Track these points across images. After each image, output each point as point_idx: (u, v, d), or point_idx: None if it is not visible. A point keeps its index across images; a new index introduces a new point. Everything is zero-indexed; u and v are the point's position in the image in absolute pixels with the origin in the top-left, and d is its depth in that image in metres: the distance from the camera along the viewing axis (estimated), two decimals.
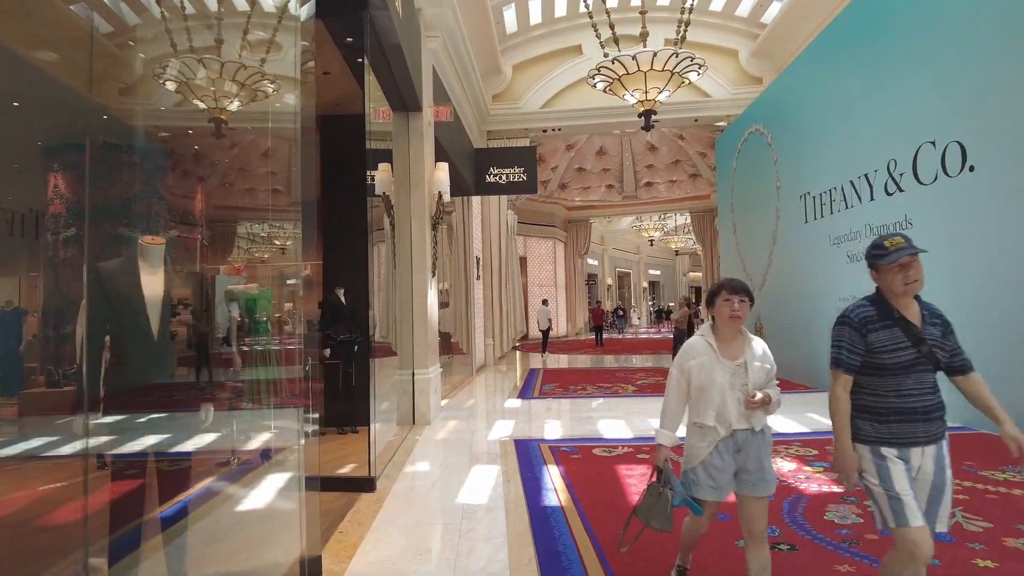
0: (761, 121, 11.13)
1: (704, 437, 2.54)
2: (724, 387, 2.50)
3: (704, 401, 2.53)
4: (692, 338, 2.69)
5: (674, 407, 2.67)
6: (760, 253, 11.25)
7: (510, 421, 6.99)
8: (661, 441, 2.66)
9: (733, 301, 2.56)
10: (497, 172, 11.64)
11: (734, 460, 2.53)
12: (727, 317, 2.55)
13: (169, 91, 6.33)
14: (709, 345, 2.58)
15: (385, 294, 15.93)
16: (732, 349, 2.57)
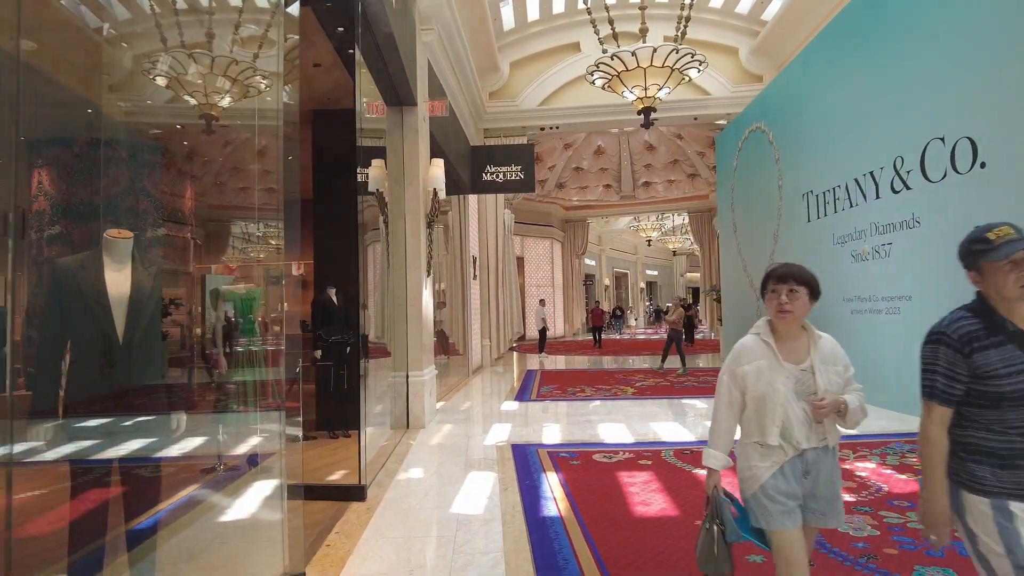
0: (762, 119, 10.96)
1: (766, 456, 2.10)
2: (788, 397, 2.05)
3: (764, 416, 2.08)
4: (745, 338, 2.22)
5: (725, 423, 2.20)
6: (761, 253, 11.08)
7: (507, 425, 6.79)
8: (710, 464, 2.21)
9: (780, 292, 2.10)
10: (494, 170, 11.45)
11: (800, 485, 2.09)
12: (775, 312, 2.11)
13: (159, 86, 6.13)
14: (767, 346, 2.12)
15: (380, 294, 15.72)
16: (795, 350, 2.13)
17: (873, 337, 7.47)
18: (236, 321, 4.90)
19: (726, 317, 13.69)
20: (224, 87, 5.97)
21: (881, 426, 6.23)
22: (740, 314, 12.41)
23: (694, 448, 5.48)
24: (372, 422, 7.30)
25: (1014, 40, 5.48)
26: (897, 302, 6.91)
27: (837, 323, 8.28)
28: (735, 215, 12.65)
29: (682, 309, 12.61)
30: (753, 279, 11.54)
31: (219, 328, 4.87)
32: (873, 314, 7.44)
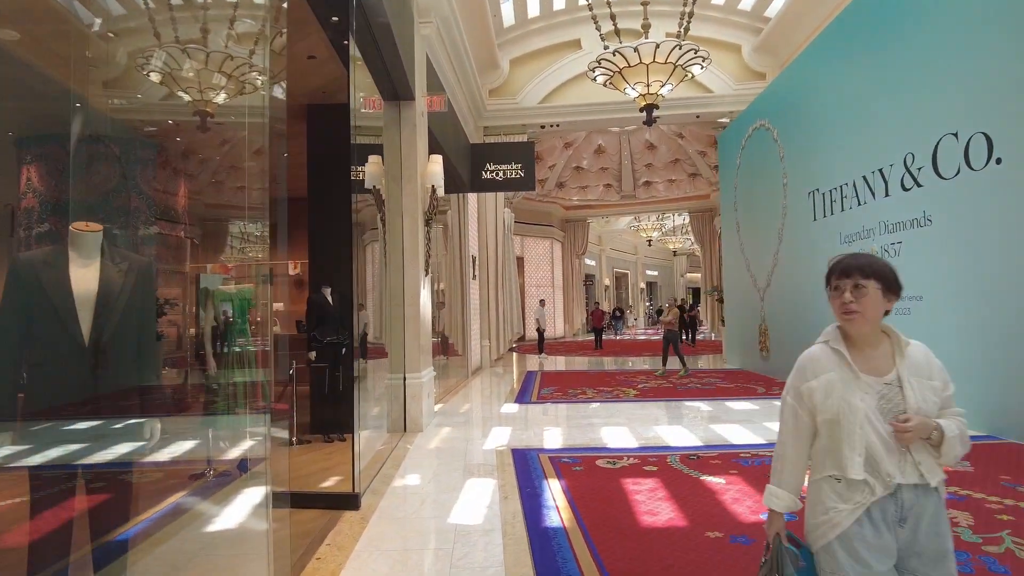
0: (767, 116, 10.78)
1: (847, 496, 1.66)
2: (870, 416, 1.63)
3: (841, 442, 1.66)
4: (811, 347, 1.81)
5: (792, 453, 1.79)
6: (765, 253, 10.90)
7: (507, 428, 6.61)
8: (772, 505, 1.81)
9: (844, 289, 1.70)
10: (494, 168, 11.27)
11: (895, 536, 1.63)
12: (840, 314, 1.72)
13: (153, 83, 5.94)
14: (838, 355, 1.72)
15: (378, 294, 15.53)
16: (876, 360, 1.70)
17: None
18: (226, 321, 4.72)
19: (729, 317, 13.52)
20: (219, 83, 5.80)
21: None
22: (743, 314, 12.24)
23: (701, 453, 5.30)
24: (369, 425, 7.12)
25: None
26: (908, 302, 6.73)
27: None
28: (738, 214, 12.47)
29: (677, 309, 12.41)
30: (756, 279, 11.36)
31: (208, 329, 4.69)
32: None
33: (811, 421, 1.74)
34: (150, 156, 8.43)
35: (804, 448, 1.78)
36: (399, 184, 6.67)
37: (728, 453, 5.30)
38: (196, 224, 12.22)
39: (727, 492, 4.21)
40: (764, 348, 11.03)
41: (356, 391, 4.39)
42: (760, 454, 5.23)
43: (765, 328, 11.02)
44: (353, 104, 4.99)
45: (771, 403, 7.96)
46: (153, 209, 8.37)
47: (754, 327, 11.48)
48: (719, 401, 8.21)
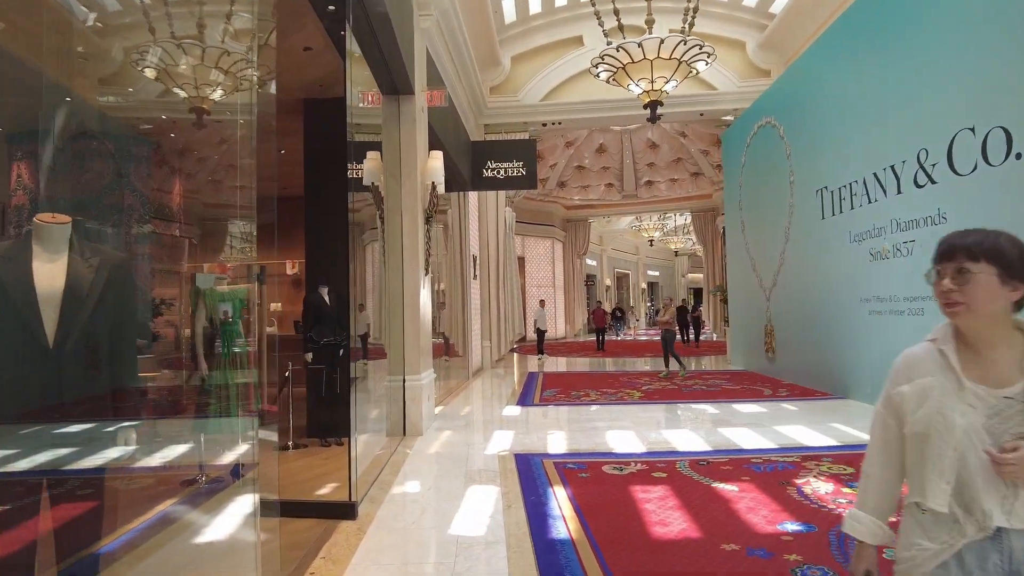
0: (773, 113, 10.59)
1: (932, 533, 1.34)
2: (972, 438, 1.29)
3: (929, 462, 1.34)
4: (915, 346, 1.46)
5: (877, 471, 1.47)
6: (771, 252, 10.71)
7: (509, 432, 6.42)
8: (853, 532, 1.48)
9: (945, 274, 1.34)
10: (495, 166, 11.08)
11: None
12: (941, 305, 1.36)
13: (148, 79, 5.76)
14: (942, 357, 1.37)
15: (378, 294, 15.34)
16: (996, 365, 1.32)
17: (892, 339, 7.10)
18: (222, 322, 4.53)
19: (733, 318, 13.33)
20: (216, 80, 5.63)
21: None
22: (748, 314, 12.05)
23: (711, 458, 5.11)
24: (368, 428, 6.94)
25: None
26: (920, 303, 6.54)
27: (854, 324, 7.93)
28: (743, 213, 12.28)
29: (674, 308, 12.19)
30: (762, 278, 11.18)
31: (199, 329, 4.51)
32: (893, 315, 7.07)
33: (901, 432, 1.42)
34: (144, 153, 8.25)
35: (893, 465, 1.45)
36: (398, 181, 6.49)
37: (739, 459, 5.12)
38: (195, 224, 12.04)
39: (741, 500, 4.02)
40: (770, 349, 10.85)
41: (353, 395, 4.20)
42: (772, 459, 5.04)
43: (771, 328, 10.84)
44: (350, 97, 4.81)
45: (779, 406, 7.78)
46: (148, 207, 8.18)
47: (759, 327, 11.29)
48: (725, 404, 8.02)
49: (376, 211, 6.64)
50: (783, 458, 5.09)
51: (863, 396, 7.76)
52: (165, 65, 6.14)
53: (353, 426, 4.03)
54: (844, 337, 8.21)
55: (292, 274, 12.39)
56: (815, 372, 9.08)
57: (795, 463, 4.92)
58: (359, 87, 6.88)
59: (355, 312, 13.37)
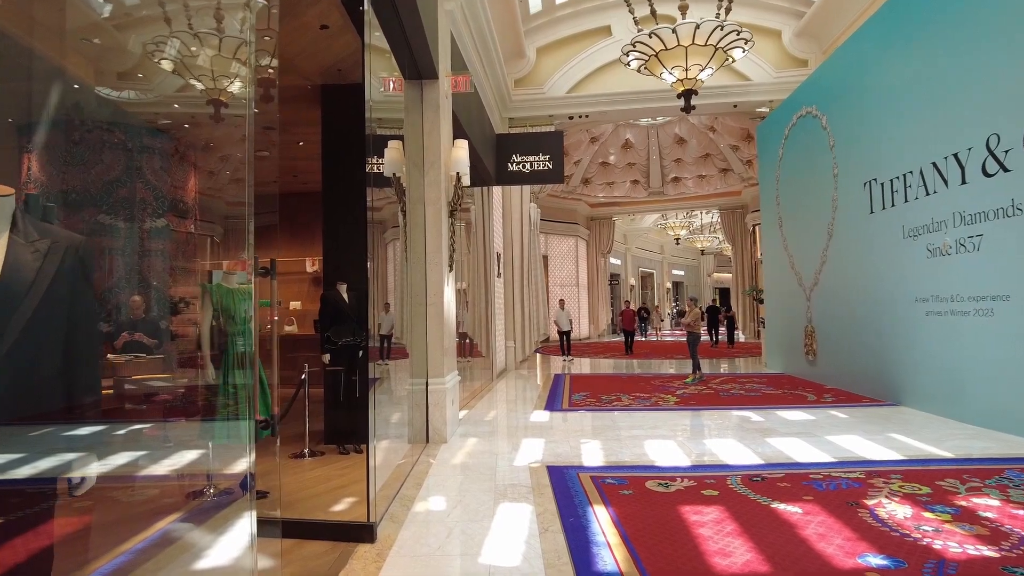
0: (814, 103, 10.02)
1: None
2: None
3: None
4: None
5: None
6: (812, 250, 10.14)
7: (539, 440, 5.99)
8: None
9: None
10: (520, 160, 10.66)
11: None
12: None
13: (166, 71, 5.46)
14: None
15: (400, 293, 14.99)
16: None
17: (954, 342, 6.55)
18: (224, 320, 4.16)
19: (770, 319, 12.75)
20: (235, 71, 5.27)
21: (981, 448, 5.33)
22: (786, 315, 11.48)
23: (765, 474, 4.63)
24: (389, 433, 6.55)
25: None
26: (990, 302, 5.99)
27: (907, 326, 7.37)
28: (780, 209, 11.71)
29: (699, 310, 11.60)
30: (802, 277, 10.61)
31: (205, 329, 4.14)
32: (956, 316, 6.51)
33: None
34: (157, 144, 7.93)
35: None
36: (421, 171, 6.09)
37: (796, 474, 4.63)
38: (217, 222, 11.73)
39: (808, 525, 3.55)
40: (811, 352, 10.28)
41: (372, 402, 3.79)
42: (834, 475, 4.54)
43: (812, 330, 10.27)
44: (369, 77, 4.41)
45: (827, 412, 7.25)
46: (162, 201, 7.85)
47: (799, 329, 10.72)
48: (769, 410, 7.51)
49: (398, 204, 6.26)
50: (845, 474, 4.59)
51: (919, 403, 7.20)
52: (182, 56, 5.78)
53: (371, 437, 3.63)
54: (896, 340, 7.65)
55: (312, 272, 12.10)
56: (863, 377, 8.52)
57: (860, 480, 4.42)
58: (379, 73, 6.50)
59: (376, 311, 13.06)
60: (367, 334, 5.40)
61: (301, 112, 6.91)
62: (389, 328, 12.24)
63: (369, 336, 5.71)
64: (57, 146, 6.48)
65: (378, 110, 5.91)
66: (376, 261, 18.74)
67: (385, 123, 8.62)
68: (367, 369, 5.15)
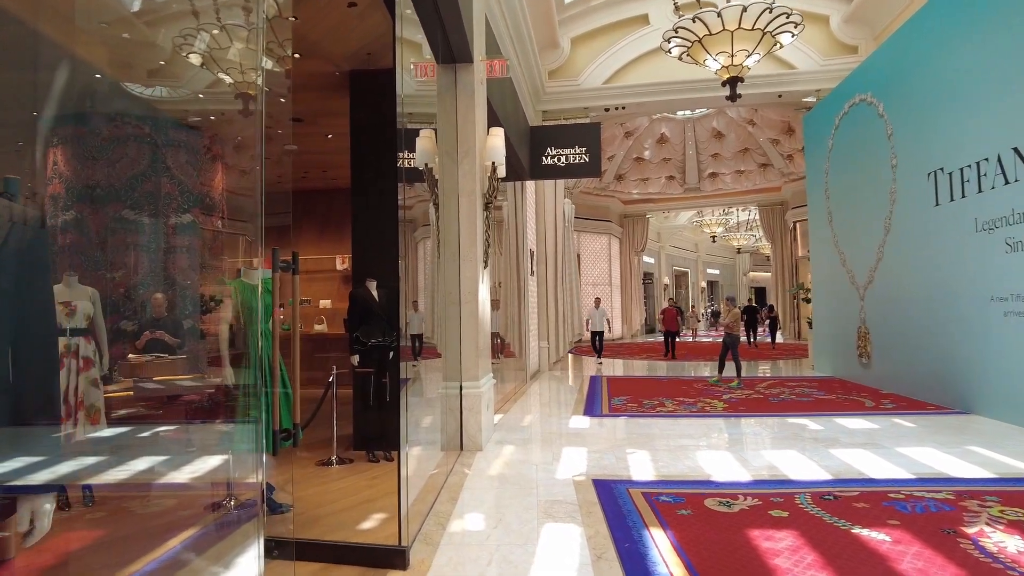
0: (869, 89, 9.41)
1: None
2: None
3: None
4: None
5: None
6: (866, 245, 9.53)
7: (581, 449, 5.57)
8: None
9: None
10: (555, 153, 10.25)
11: None
12: None
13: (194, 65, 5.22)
14: None
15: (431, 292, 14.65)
16: None
17: None
18: (244, 318, 3.84)
19: (818, 319, 12.11)
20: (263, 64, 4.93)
21: None
22: (836, 315, 10.85)
23: (837, 492, 4.14)
24: (421, 439, 6.20)
25: None
26: None
27: (981, 328, 6.77)
28: (830, 203, 11.08)
29: (737, 310, 10.94)
30: (855, 275, 9.99)
31: (224, 329, 3.82)
32: None
33: None
34: (183, 138, 7.65)
35: None
36: (454, 161, 5.71)
37: (874, 492, 4.14)
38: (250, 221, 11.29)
39: (902, 557, 3.07)
40: (864, 354, 9.67)
41: (404, 412, 3.42)
42: (917, 495, 4.04)
43: (865, 331, 9.65)
44: (400, 58, 4.04)
45: (890, 420, 6.69)
46: (188, 196, 7.57)
47: (851, 330, 10.11)
48: (826, 417, 6.97)
49: (429, 199, 5.89)
50: (930, 494, 4.08)
51: (993, 412, 6.60)
52: (210, 50, 5.49)
53: (403, 451, 3.25)
54: (966, 342, 7.04)
55: (342, 270, 11.85)
56: (925, 382, 7.91)
57: (950, 502, 3.91)
58: (411, 59, 6.15)
59: (407, 309, 12.77)
60: (398, 334, 5.06)
61: (328, 101, 6.60)
62: (419, 327, 11.94)
63: (400, 335, 5.38)
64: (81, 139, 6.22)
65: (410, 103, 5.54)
66: (407, 260, 18.34)
67: (416, 117, 8.29)
68: (399, 371, 4.80)
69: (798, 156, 20.42)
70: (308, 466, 5.14)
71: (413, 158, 7.68)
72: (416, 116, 8.72)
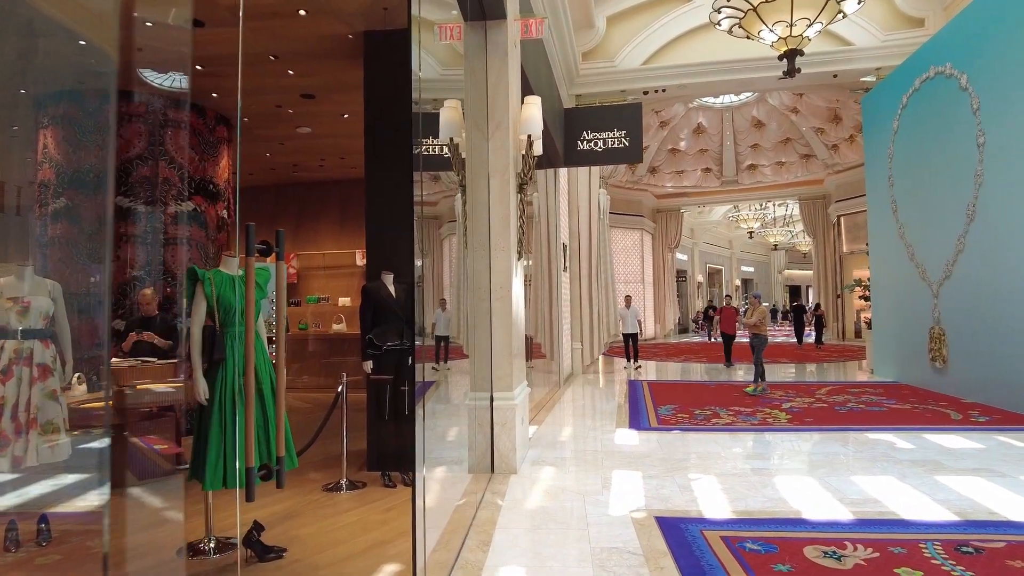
0: (947, 60, 8.37)
1: None
2: None
3: None
4: None
5: None
6: (942, 236, 8.50)
7: (634, 473, 4.72)
8: None
9: None
10: (592, 137, 9.36)
11: None
12: None
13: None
14: None
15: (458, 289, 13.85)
16: None
17: None
18: (222, 318, 3.06)
19: (878, 319, 11.05)
20: None
21: None
22: (902, 314, 9.81)
23: (977, 541, 3.23)
24: (446, 456, 5.40)
25: None
26: None
27: None
28: (894, 191, 10.04)
29: (764, 308, 9.81)
30: (927, 270, 8.96)
31: (196, 331, 3.05)
32: None
33: None
34: (184, 118, 6.88)
35: None
36: (484, 134, 4.90)
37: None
38: None
39: None
40: (938, 358, 8.64)
41: (419, 437, 2.60)
42: None
43: (940, 332, 8.62)
44: (418, 32, 3.24)
45: (993, 438, 5.71)
46: (189, 181, 6.78)
47: (920, 330, 9.08)
48: (912, 432, 6.02)
49: (456, 177, 5.09)
50: None
51: None
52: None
53: (419, 487, 2.44)
54: None
55: (361, 266, 11.12)
56: (1019, 391, 6.90)
57: None
58: (431, 14, 5.36)
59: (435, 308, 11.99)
60: (413, 335, 4.27)
61: (344, 72, 5.84)
62: (446, 328, 11.13)
63: (423, 336, 4.58)
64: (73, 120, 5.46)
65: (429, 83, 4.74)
66: (433, 257, 17.40)
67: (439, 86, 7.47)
68: (414, 380, 4.00)
69: (844, 146, 19.24)
70: (314, 491, 4.38)
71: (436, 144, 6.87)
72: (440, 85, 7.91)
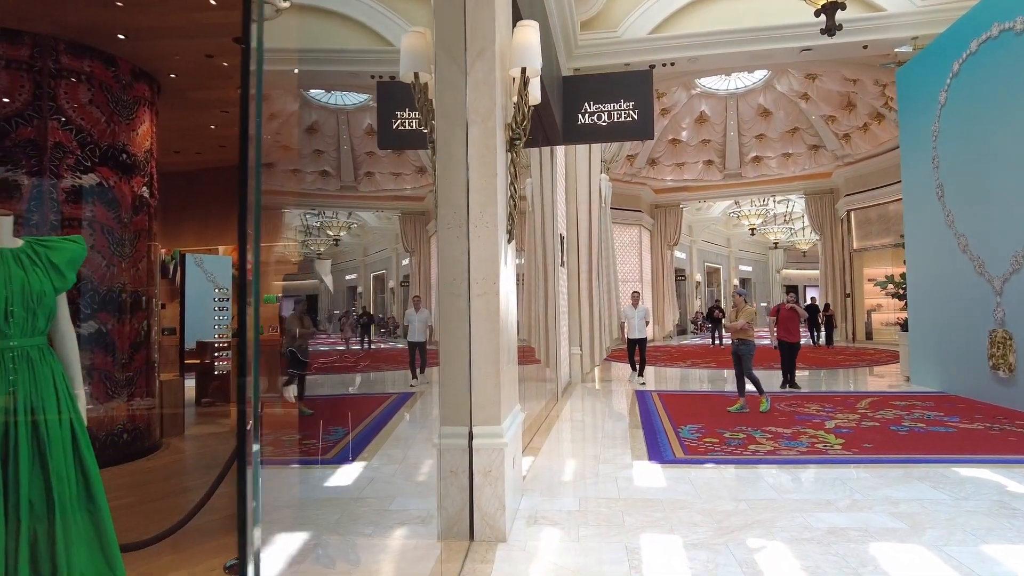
0: (1018, 14, 7.09)
1: None
2: None
3: None
4: None
5: None
6: (1005, 225, 7.25)
7: (672, 537, 3.37)
8: None
9: None
10: (595, 110, 8.01)
11: None
12: None
13: None
14: None
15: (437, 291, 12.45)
16: None
17: None
18: None
19: (916, 320, 9.76)
20: None
21: None
22: (950, 314, 8.53)
23: None
24: (406, 511, 4.04)
25: None
26: None
27: None
28: (940, 174, 8.77)
29: (751, 309, 7.99)
30: (985, 263, 7.69)
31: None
32: None
33: None
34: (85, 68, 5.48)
35: None
36: (460, 67, 3.54)
37: None
38: None
39: None
40: (1003, 366, 7.35)
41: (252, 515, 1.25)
42: None
43: (1004, 336, 7.34)
44: None
45: None
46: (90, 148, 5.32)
47: (977, 334, 7.80)
48: (1010, 465, 4.71)
49: (424, 124, 3.73)
50: None
51: None
52: None
53: None
54: None
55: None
56: None
57: None
58: None
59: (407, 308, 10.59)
60: None
61: None
62: (422, 333, 9.70)
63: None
64: None
65: None
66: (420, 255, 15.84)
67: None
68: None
69: (857, 135, 18.05)
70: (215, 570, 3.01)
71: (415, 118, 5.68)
72: None
